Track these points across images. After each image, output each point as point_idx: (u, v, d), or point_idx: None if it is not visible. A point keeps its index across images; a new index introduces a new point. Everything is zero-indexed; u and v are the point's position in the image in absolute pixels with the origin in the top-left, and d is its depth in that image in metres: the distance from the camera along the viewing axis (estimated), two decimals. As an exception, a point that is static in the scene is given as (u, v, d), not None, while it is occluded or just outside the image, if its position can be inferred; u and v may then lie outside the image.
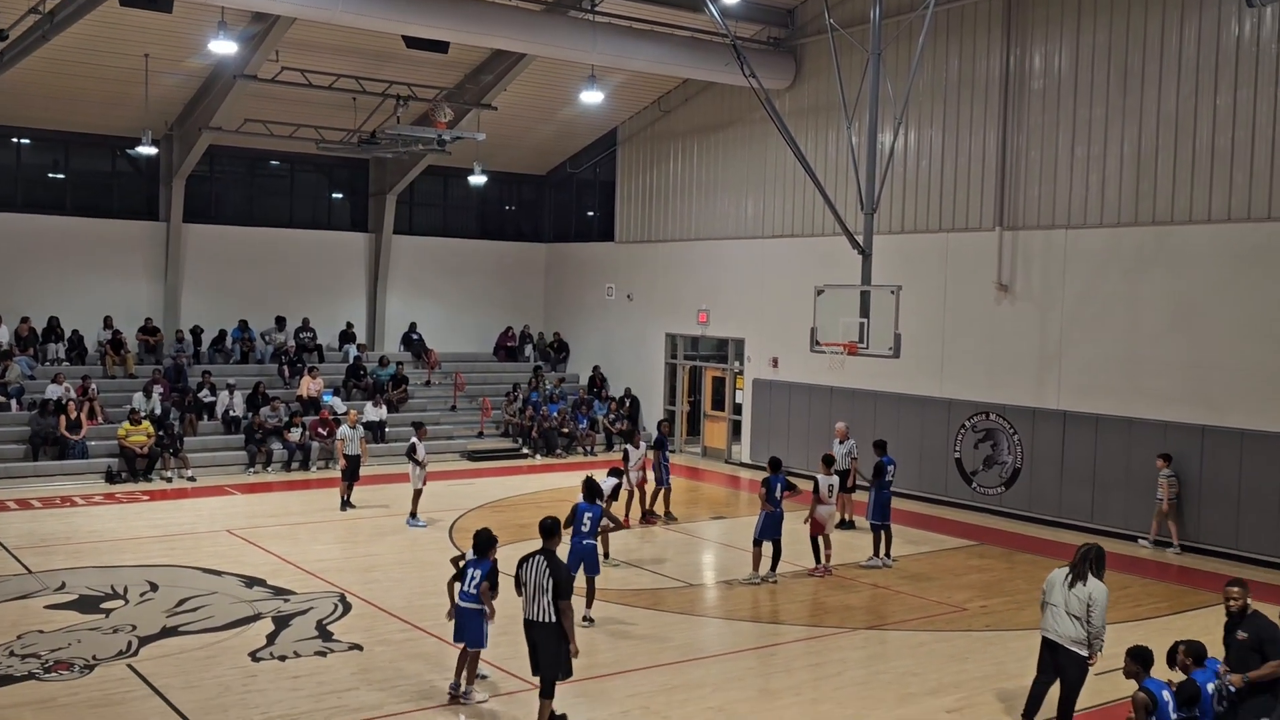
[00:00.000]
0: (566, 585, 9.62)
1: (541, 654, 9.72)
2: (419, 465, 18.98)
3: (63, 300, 26.02)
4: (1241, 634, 8.91)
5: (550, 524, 10.04)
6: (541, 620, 9.63)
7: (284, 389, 26.37)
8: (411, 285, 30.64)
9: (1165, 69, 18.61)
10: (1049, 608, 9.87)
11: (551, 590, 9.55)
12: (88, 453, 22.59)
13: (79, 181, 27.11)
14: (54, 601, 13.75)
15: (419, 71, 24.71)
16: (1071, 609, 9.68)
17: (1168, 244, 18.59)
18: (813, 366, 23.07)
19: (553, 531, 9.98)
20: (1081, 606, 9.62)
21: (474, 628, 10.58)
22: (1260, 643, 8.83)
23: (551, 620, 9.58)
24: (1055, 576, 9.94)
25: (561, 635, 9.63)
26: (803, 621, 13.93)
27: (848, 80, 20.01)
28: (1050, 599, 9.86)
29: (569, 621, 9.63)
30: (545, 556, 9.73)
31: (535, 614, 9.67)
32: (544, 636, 9.67)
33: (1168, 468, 18.11)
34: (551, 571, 9.60)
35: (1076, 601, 9.65)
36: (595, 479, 14.45)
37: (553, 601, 9.55)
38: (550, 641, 9.65)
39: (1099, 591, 9.66)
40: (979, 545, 18.61)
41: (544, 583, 9.58)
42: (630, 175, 29.73)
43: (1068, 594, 9.72)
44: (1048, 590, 9.94)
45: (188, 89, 25.08)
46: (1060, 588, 9.79)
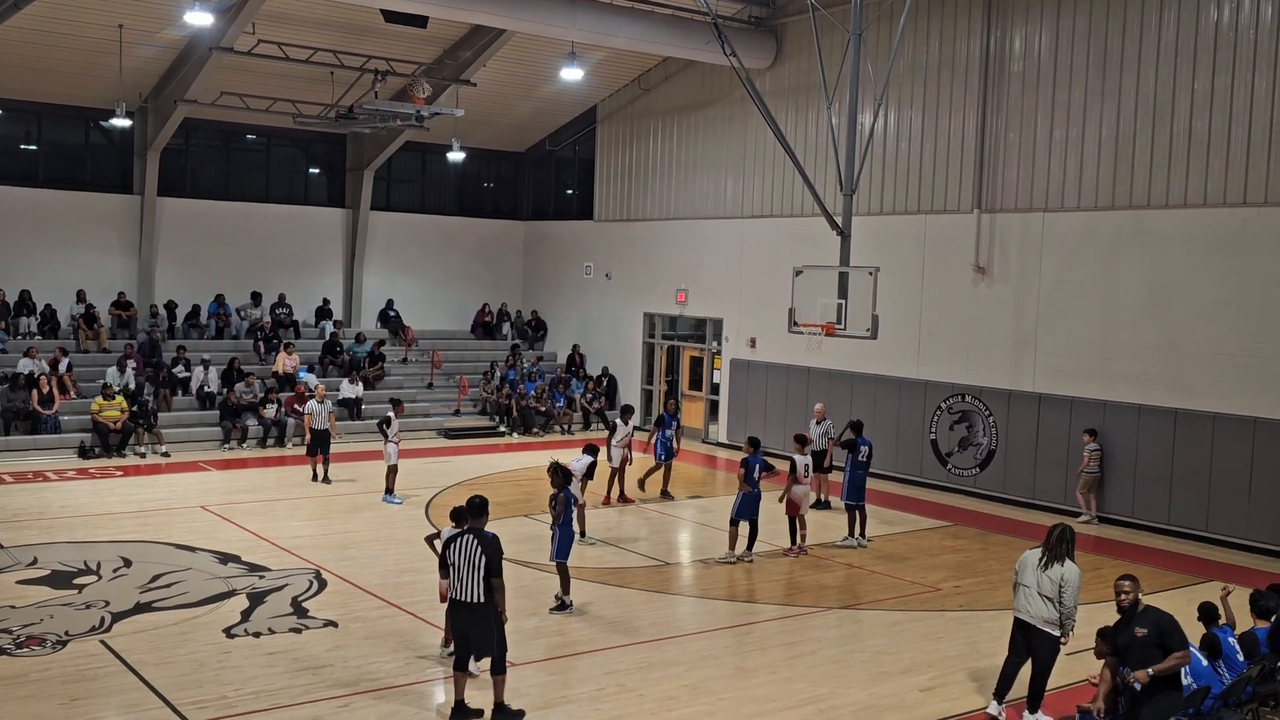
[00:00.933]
0: (497, 563, 9.45)
1: (474, 635, 9.54)
2: (391, 441, 18.88)
3: (35, 273, 25.75)
4: (1140, 630, 8.77)
5: (479, 502, 9.79)
6: (471, 600, 9.45)
7: (259, 365, 26.22)
8: (389, 262, 30.49)
9: (1144, 53, 18.67)
10: (1021, 588, 9.92)
11: (483, 568, 9.38)
12: (60, 427, 22.42)
13: (51, 153, 26.79)
14: (26, 577, 13.66)
15: (397, 46, 24.50)
16: (1044, 590, 9.74)
17: (1144, 228, 18.69)
18: (791, 347, 23.12)
19: (482, 510, 9.74)
20: (1054, 588, 9.69)
21: None
22: (1161, 636, 8.71)
23: (481, 600, 9.42)
24: (1028, 558, 9.99)
25: (493, 614, 9.46)
26: (778, 600, 13.99)
27: (828, 60, 19.97)
28: (1022, 580, 9.92)
29: (501, 599, 9.50)
30: (475, 535, 9.53)
31: (465, 594, 9.49)
32: (476, 617, 9.49)
33: (1094, 441, 18.80)
34: (483, 550, 9.42)
35: (1049, 583, 9.71)
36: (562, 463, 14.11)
37: (483, 580, 9.38)
38: (483, 621, 9.47)
39: (1071, 573, 9.73)
40: (953, 526, 18.73)
41: (476, 560, 9.39)
42: (609, 153, 29.62)
43: (1040, 575, 9.77)
44: (1020, 571, 9.99)
45: (163, 61, 24.79)
46: (1033, 569, 9.84)
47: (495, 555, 9.48)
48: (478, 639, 9.57)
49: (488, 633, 9.52)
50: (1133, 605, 8.90)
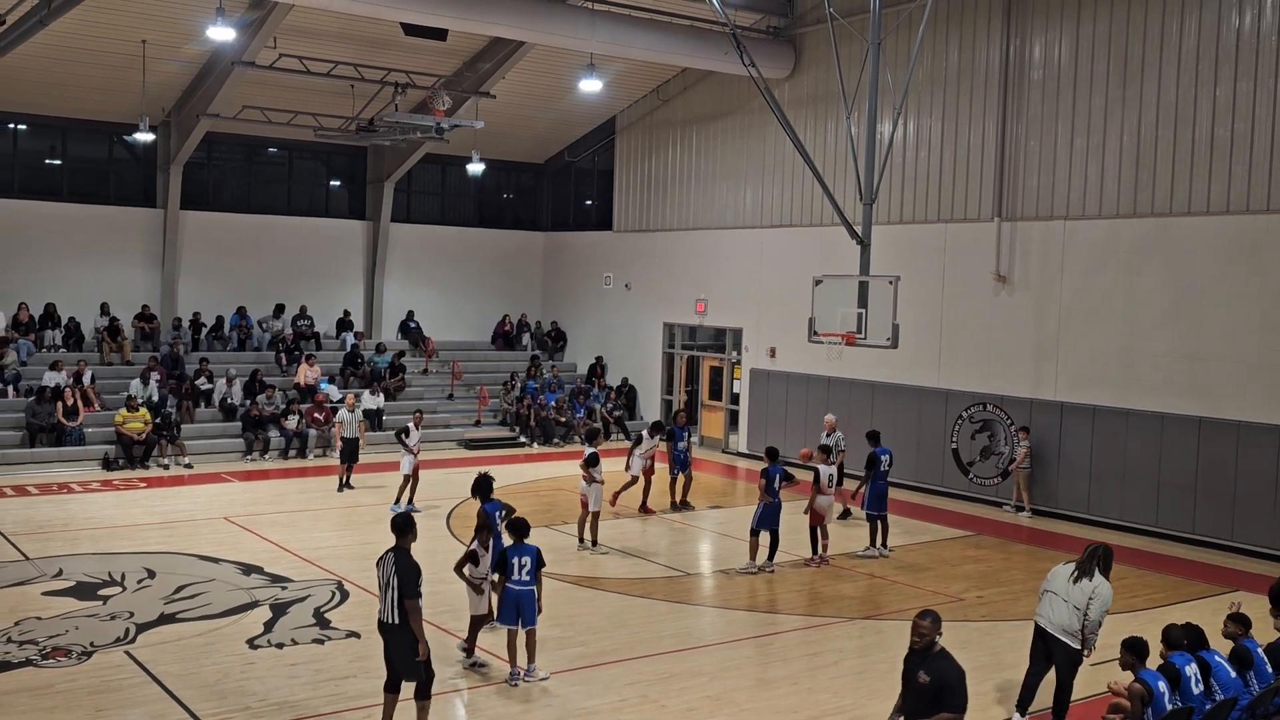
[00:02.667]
0: (411, 584, 9.18)
1: (395, 657, 9.36)
2: (410, 452, 18.89)
3: (60, 287, 25.97)
4: (924, 676, 7.85)
5: (401, 522, 9.56)
6: (389, 621, 9.25)
7: (281, 377, 26.35)
8: (409, 273, 30.62)
9: (1165, 60, 18.59)
10: (1047, 595, 9.88)
11: (398, 589, 9.17)
12: (85, 439, 22.57)
13: (76, 168, 27.03)
14: (51, 588, 13.75)
15: (417, 59, 24.64)
16: (1071, 598, 9.69)
17: (1166, 235, 18.59)
18: (810, 357, 23.07)
19: (404, 530, 9.49)
20: (1083, 599, 9.63)
21: (530, 607, 10.80)
22: (939, 689, 7.80)
23: (397, 621, 9.19)
24: (1061, 570, 9.96)
25: (409, 636, 9.21)
26: (799, 611, 13.96)
27: (847, 70, 19.97)
28: (1050, 587, 9.88)
29: (415, 622, 9.17)
30: (395, 554, 9.32)
31: (384, 613, 9.28)
32: (393, 638, 9.32)
33: (1027, 439, 19.89)
34: (398, 569, 9.21)
35: (1079, 593, 9.66)
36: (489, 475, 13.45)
37: (398, 601, 9.17)
38: (401, 643, 9.26)
39: (1104, 587, 9.67)
40: (975, 536, 18.64)
41: (392, 580, 9.20)
42: (628, 164, 29.68)
43: (1070, 586, 9.73)
44: (1050, 579, 9.95)
45: (185, 75, 25.01)
46: (1064, 581, 9.80)
47: (408, 576, 9.18)
48: (399, 661, 9.33)
49: (408, 655, 9.26)
50: (927, 647, 7.94)
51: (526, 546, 10.92)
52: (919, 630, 7.99)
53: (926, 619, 7.99)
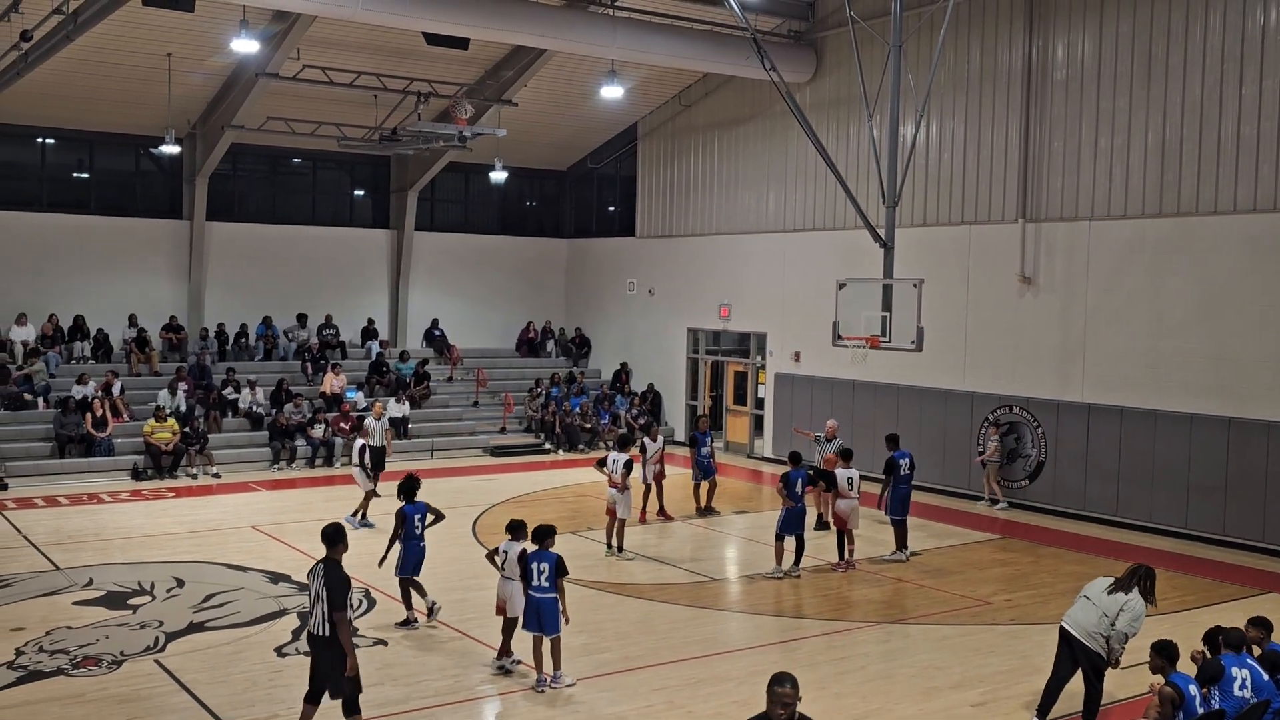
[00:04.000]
0: (340, 597, 9.04)
1: (322, 669, 9.24)
2: (365, 470, 18.31)
3: (88, 299, 26.23)
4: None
5: (331, 532, 9.42)
6: (317, 633, 9.16)
7: (307, 386, 26.49)
8: (433, 281, 30.74)
9: (1190, 58, 18.46)
10: (1080, 599, 9.86)
11: (326, 601, 9.05)
12: (114, 450, 22.76)
13: (103, 180, 27.30)
14: (82, 598, 13.87)
15: (439, 68, 24.76)
16: (1101, 604, 9.64)
17: (1192, 235, 18.45)
18: (835, 360, 23.01)
19: (334, 540, 9.37)
20: (1114, 608, 9.57)
21: (551, 615, 10.78)
22: None
23: (325, 634, 9.10)
24: (1100, 580, 9.98)
25: (338, 650, 9.09)
26: (826, 615, 13.91)
27: (869, 73, 19.93)
28: (1085, 592, 9.87)
29: (344, 634, 9.04)
30: (324, 566, 9.22)
31: (312, 625, 9.22)
32: (319, 650, 9.24)
33: (997, 434, 20.75)
34: (326, 582, 9.07)
35: (1111, 602, 9.61)
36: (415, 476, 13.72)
37: (327, 615, 9.06)
38: (327, 655, 9.16)
39: (1138, 602, 9.61)
40: (1003, 539, 18.53)
41: (321, 593, 9.11)
42: (651, 170, 29.71)
43: (1104, 595, 9.70)
44: (1087, 586, 9.96)
45: (210, 88, 25.22)
46: (1099, 590, 9.78)
47: (337, 588, 9.07)
48: (325, 673, 9.24)
49: (333, 668, 9.16)
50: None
51: (547, 553, 10.93)
52: (782, 699, 6.33)
53: (788, 685, 6.38)
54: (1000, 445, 20.77)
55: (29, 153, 26.31)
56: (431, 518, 13.31)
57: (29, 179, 26.31)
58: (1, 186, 25.99)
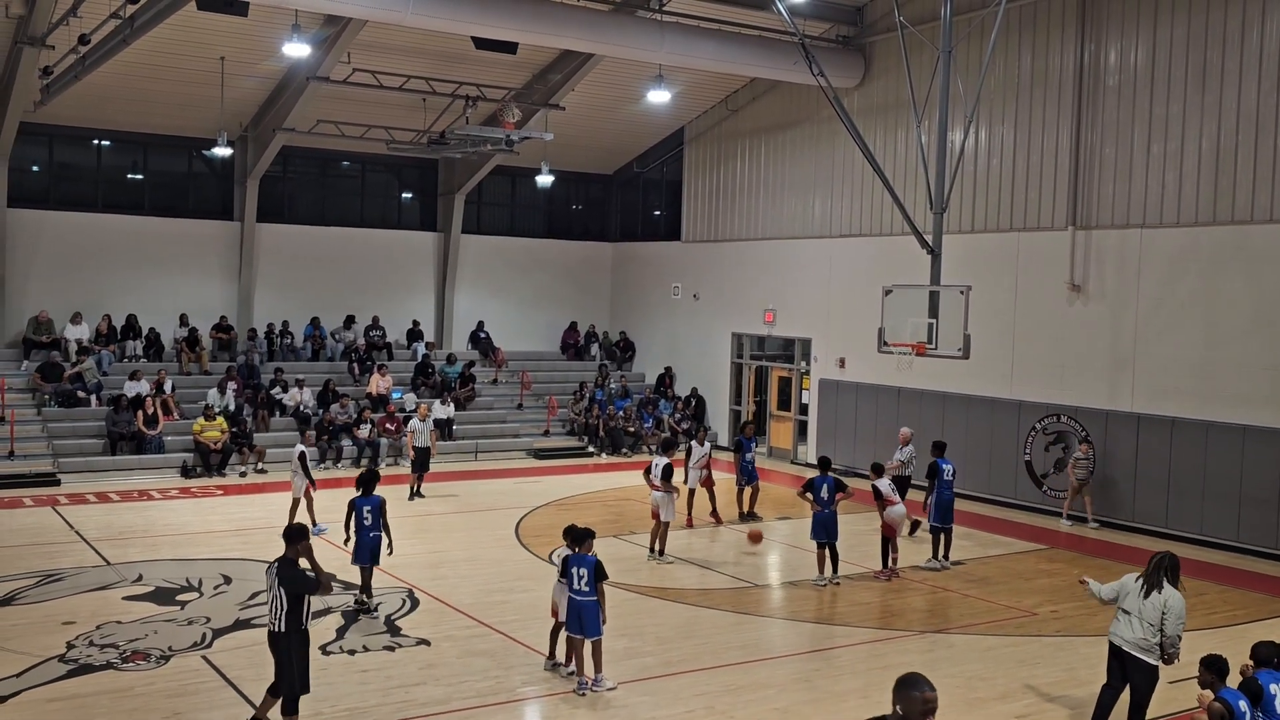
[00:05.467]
0: (305, 586, 9.28)
1: (281, 664, 9.38)
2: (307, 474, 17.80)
3: (140, 298, 26.64)
4: None
5: (289, 531, 9.60)
6: (276, 630, 9.32)
7: (354, 386, 26.73)
8: (479, 284, 30.91)
9: (1245, 64, 18.18)
10: (1120, 613, 9.71)
11: (285, 599, 9.20)
12: (164, 448, 23.08)
13: (156, 182, 27.70)
14: (131, 593, 14.07)
15: (488, 72, 24.91)
16: (1146, 616, 9.51)
17: (1247, 243, 18.16)
18: (880, 367, 22.88)
19: (291, 539, 9.53)
20: (1156, 614, 9.46)
21: (592, 619, 10.82)
22: None
23: (281, 630, 9.25)
24: (1129, 585, 9.77)
25: (289, 648, 9.27)
26: (869, 624, 13.82)
27: (917, 78, 19.81)
28: (1124, 605, 9.70)
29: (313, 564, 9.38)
30: (279, 566, 9.36)
31: (271, 623, 9.38)
32: (275, 646, 9.36)
33: (1090, 449, 19.90)
34: (281, 582, 9.25)
35: (1151, 609, 9.48)
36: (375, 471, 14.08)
37: (285, 612, 9.20)
38: (288, 653, 9.31)
39: (1175, 599, 9.50)
40: (1049, 549, 18.32)
41: (277, 592, 9.24)
42: (697, 174, 29.70)
43: (1142, 603, 9.55)
44: (1121, 597, 9.77)
45: (262, 91, 25.54)
46: (1135, 595, 9.62)
47: (299, 585, 9.25)
48: (281, 668, 9.37)
49: (287, 664, 9.30)
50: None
51: (586, 557, 10.95)
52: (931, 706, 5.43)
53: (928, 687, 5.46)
54: (1090, 461, 19.84)
55: (85, 154, 26.77)
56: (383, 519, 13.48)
57: (85, 180, 26.77)
58: (58, 187, 26.49)
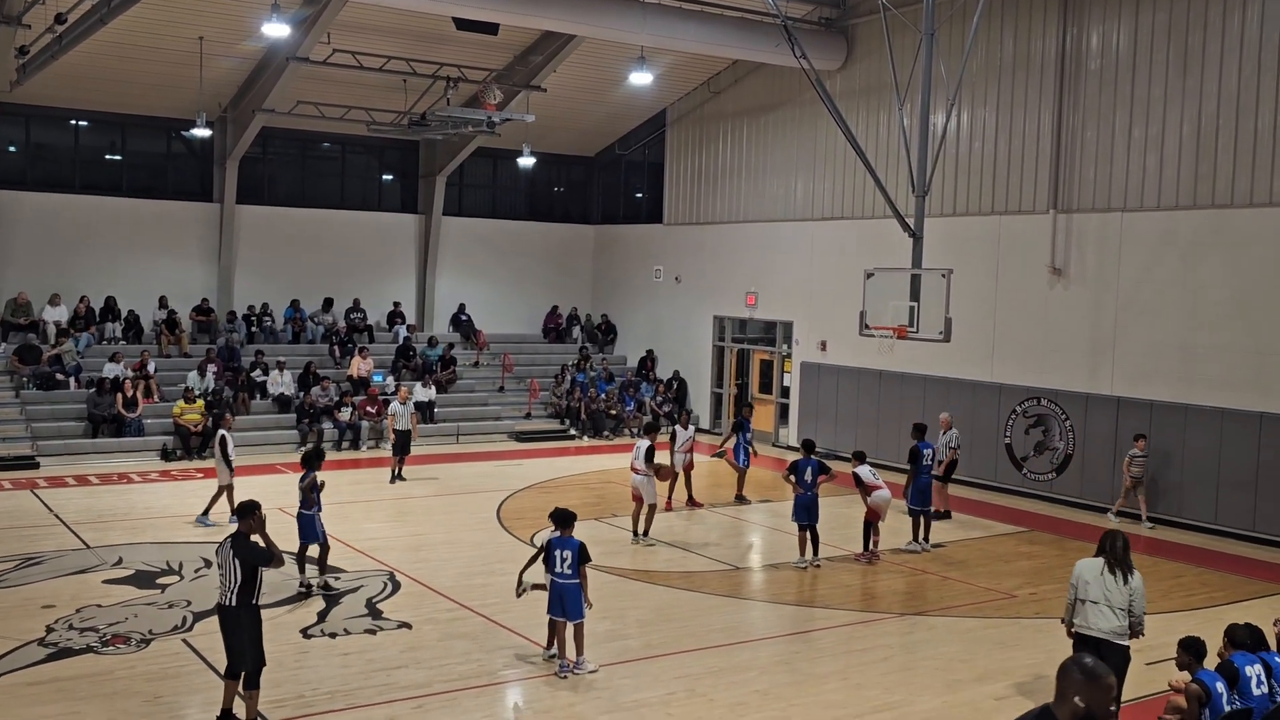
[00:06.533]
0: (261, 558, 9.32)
1: (232, 641, 9.36)
2: (226, 461, 17.14)
3: (119, 280, 26.45)
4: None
5: (241, 507, 9.62)
6: (227, 604, 9.31)
7: (334, 369, 26.64)
8: (460, 266, 30.81)
9: (1226, 49, 18.23)
10: (1088, 605, 9.62)
11: (240, 573, 9.20)
12: (144, 430, 22.97)
13: (135, 163, 27.50)
14: (111, 576, 14.02)
15: (469, 53, 24.76)
16: (1115, 602, 9.53)
17: (1227, 228, 18.25)
18: (861, 350, 22.92)
19: (244, 514, 9.55)
20: (1125, 599, 9.50)
21: (574, 601, 10.83)
22: None
23: (232, 605, 9.26)
24: (1086, 572, 9.69)
25: (241, 623, 9.26)
26: (850, 606, 13.88)
27: (900, 61, 19.80)
28: (1088, 595, 9.62)
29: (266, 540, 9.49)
30: (233, 541, 9.35)
31: (222, 598, 9.37)
32: (231, 622, 9.34)
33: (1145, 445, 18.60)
34: (237, 555, 9.24)
35: (1120, 596, 9.51)
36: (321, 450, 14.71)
37: (238, 588, 9.20)
38: (238, 628, 9.29)
39: (1137, 580, 9.58)
40: (1029, 532, 18.43)
41: (231, 566, 9.24)
42: (679, 157, 29.64)
43: (1108, 588, 9.55)
44: (1081, 587, 9.68)
45: (241, 71, 25.33)
46: (1097, 583, 9.60)
47: (255, 557, 9.30)
48: (234, 648, 9.35)
49: (239, 641, 9.29)
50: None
51: (569, 540, 10.96)
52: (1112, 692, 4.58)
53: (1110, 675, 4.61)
54: (1145, 457, 18.64)
55: (63, 135, 26.53)
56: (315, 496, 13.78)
57: (62, 161, 26.54)
58: (35, 168, 26.26)
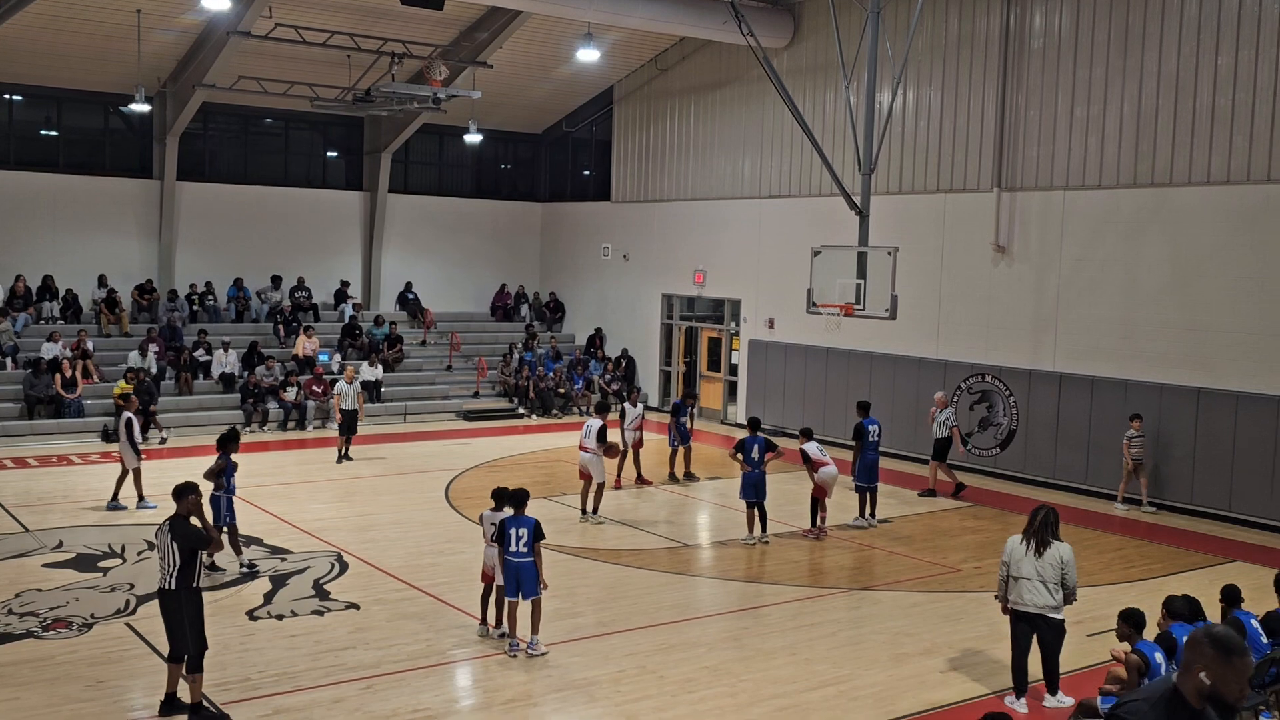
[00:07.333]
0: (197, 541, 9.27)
1: (173, 625, 9.28)
2: (132, 444, 16.63)
3: (57, 258, 25.91)
4: None
5: (178, 489, 9.57)
6: (167, 588, 9.23)
7: (279, 348, 26.33)
8: (407, 244, 30.54)
9: (1166, 29, 18.47)
10: (1020, 581, 9.77)
11: (178, 555, 9.12)
12: (84, 411, 22.57)
13: (71, 138, 26.91)
14: (52, 560, 13.79)
15: (414, 29, 24.46)
16: (1046, 577, 9.69)
17: (1166, 205, 18.54)
18: (809, 327, 23.05)
19: (180, 495, 9.50)
20: (1056, 571, 9.66)
21: (529, 579, 10.83)
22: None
23: (172, 588, 9.17)
24: (1016, 550, 9.88)
25: (182, 607, 9.17)
26: (798, 582, 14.00)
27: (846, 39, 19.85)
28: (1020, 573, 9.79)
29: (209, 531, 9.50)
30: (170, 524, 9.31)
31: (163, 581, 9.27)
32: (172, 605, 9.24)
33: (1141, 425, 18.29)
34: (174, 538, 9.19)
35: (1050, 569, 9.67)
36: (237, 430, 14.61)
37: (177, 570, 9.12)
38: (179, 612, 9.21)
39: (1067, 551, 9.75)
40: (973, 506, 18.67)
41: (170, 549, 9.17)
42: (626, 134, 29.55)
43: (1038, 563, 9.71)
44: (1012, 565, 9.85)
45: (180, 45, 24.83)
46: (1028, 559, 9.75)
47: (192, 539, 9.22)
48: (175, 632, 9.28)
49: (179, 624, 9.22)
50: None
51: (524, 518, 10.95)
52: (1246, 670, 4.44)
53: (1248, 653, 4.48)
54: (1144, 438, 18.30)
55: (-5, 109, 25.92)
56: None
57: (-5, 136, 25.93)
58: (-33, 144, 25.62)
